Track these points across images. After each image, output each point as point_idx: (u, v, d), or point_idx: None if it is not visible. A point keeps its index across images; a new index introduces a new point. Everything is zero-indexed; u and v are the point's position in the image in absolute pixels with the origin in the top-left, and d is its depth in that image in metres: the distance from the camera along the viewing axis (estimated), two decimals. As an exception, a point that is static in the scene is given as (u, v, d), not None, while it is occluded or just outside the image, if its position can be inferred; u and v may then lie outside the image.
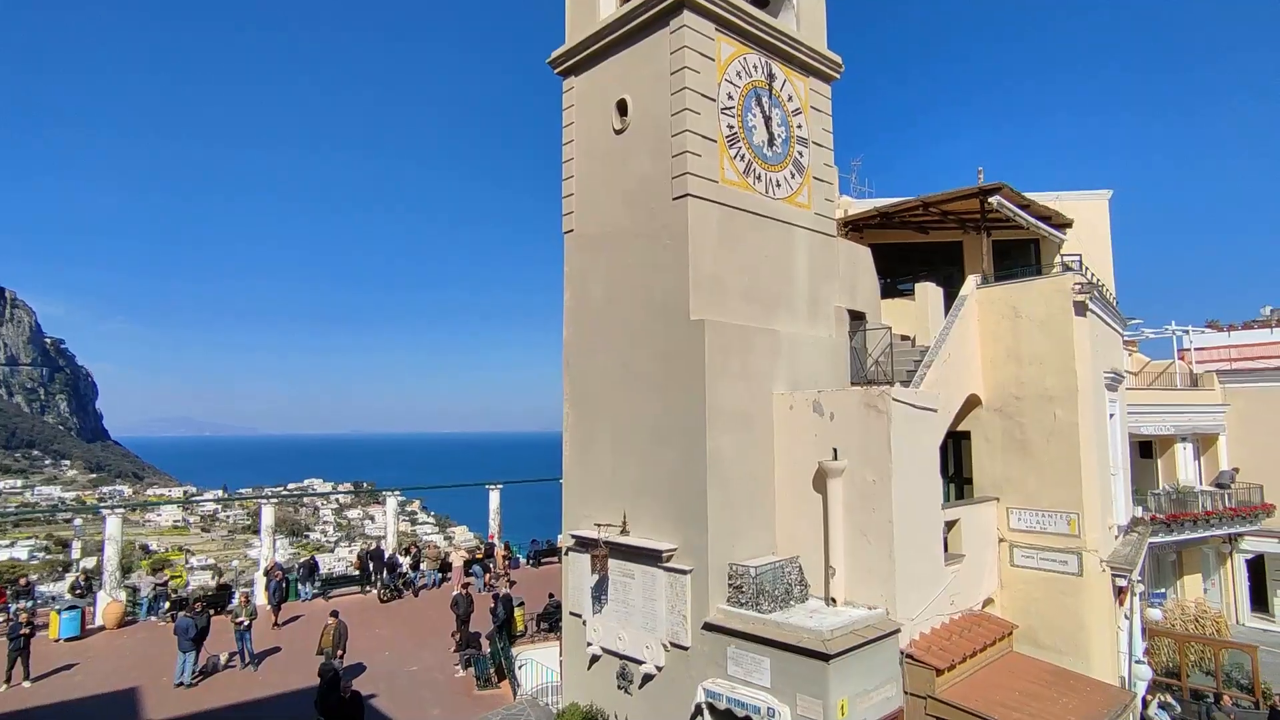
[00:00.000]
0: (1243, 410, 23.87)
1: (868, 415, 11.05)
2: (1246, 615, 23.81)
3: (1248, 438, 23.79)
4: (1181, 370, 25.69)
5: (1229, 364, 25.51)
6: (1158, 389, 24.17)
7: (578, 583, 13.46)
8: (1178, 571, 23.64)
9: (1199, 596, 22.92)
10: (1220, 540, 23.27)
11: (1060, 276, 13.04)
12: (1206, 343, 27.36)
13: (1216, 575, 24.12)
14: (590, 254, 13.92)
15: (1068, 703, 10.81)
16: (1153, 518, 19.81)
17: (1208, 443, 24.34)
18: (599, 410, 13.42)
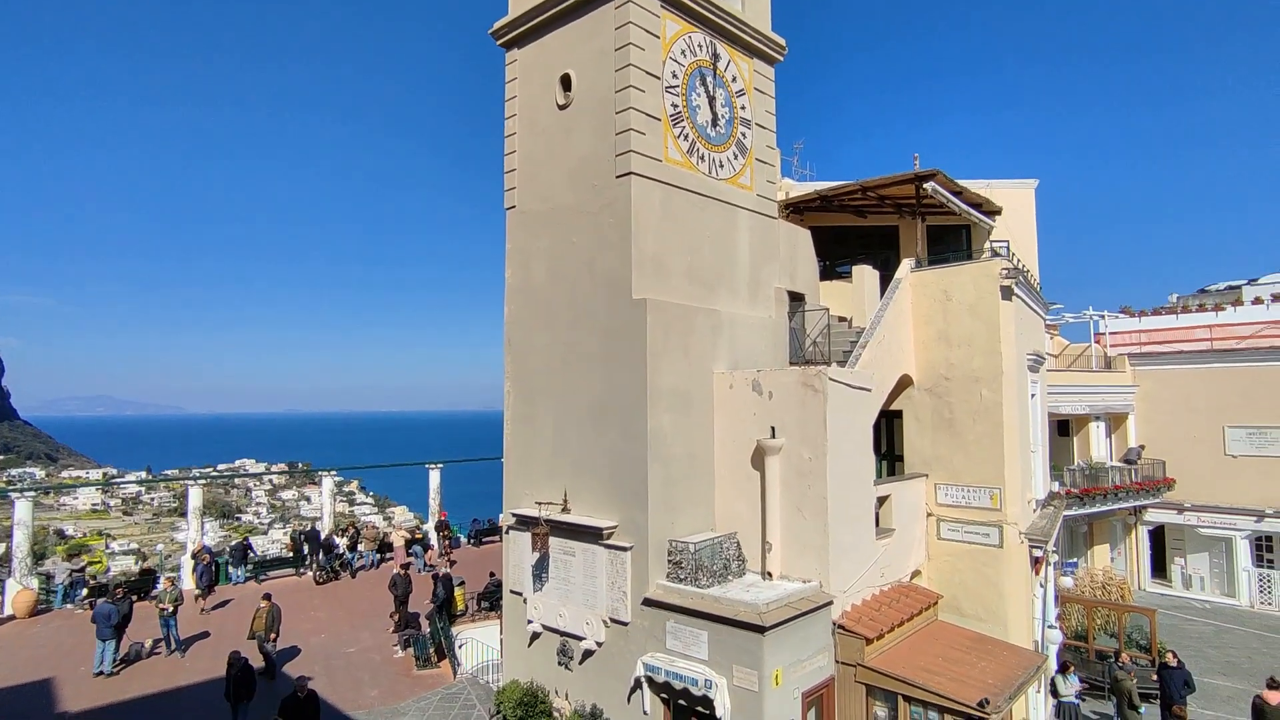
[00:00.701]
0: (1149, 391, 25.41)
1: (805, 394, 11.32)
2: (1147, 581, 25.56)
3: (1153, 416, 25.37)
4: (1097, 353, 27.13)
5: (1139, 347, 27.06)
6: (1075, 371, 25.49)
7: (518, 561, 13.46)
8: (1089, 542, 25.14)
9: (1107, 565, 24.44)
10: (1127, 512, 24.83)
11: (988, 262, 13.55)
12: (1120, 327, 28.94)
13: (1122, 545, 25.76)
14: (533, 231, 13.76)
15: (985, 666, 11.41)
16: (1068, 492, 20.97)
17: (1118, 421, 25.84)
18: (540, 388, 13.36)
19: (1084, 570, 22.66)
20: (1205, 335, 26.67)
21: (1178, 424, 24.78)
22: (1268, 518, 22.96)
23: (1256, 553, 23.67)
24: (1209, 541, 24.39)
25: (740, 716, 10.05)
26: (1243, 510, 23.39)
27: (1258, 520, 23.17)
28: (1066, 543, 23.31)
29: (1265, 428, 23.22)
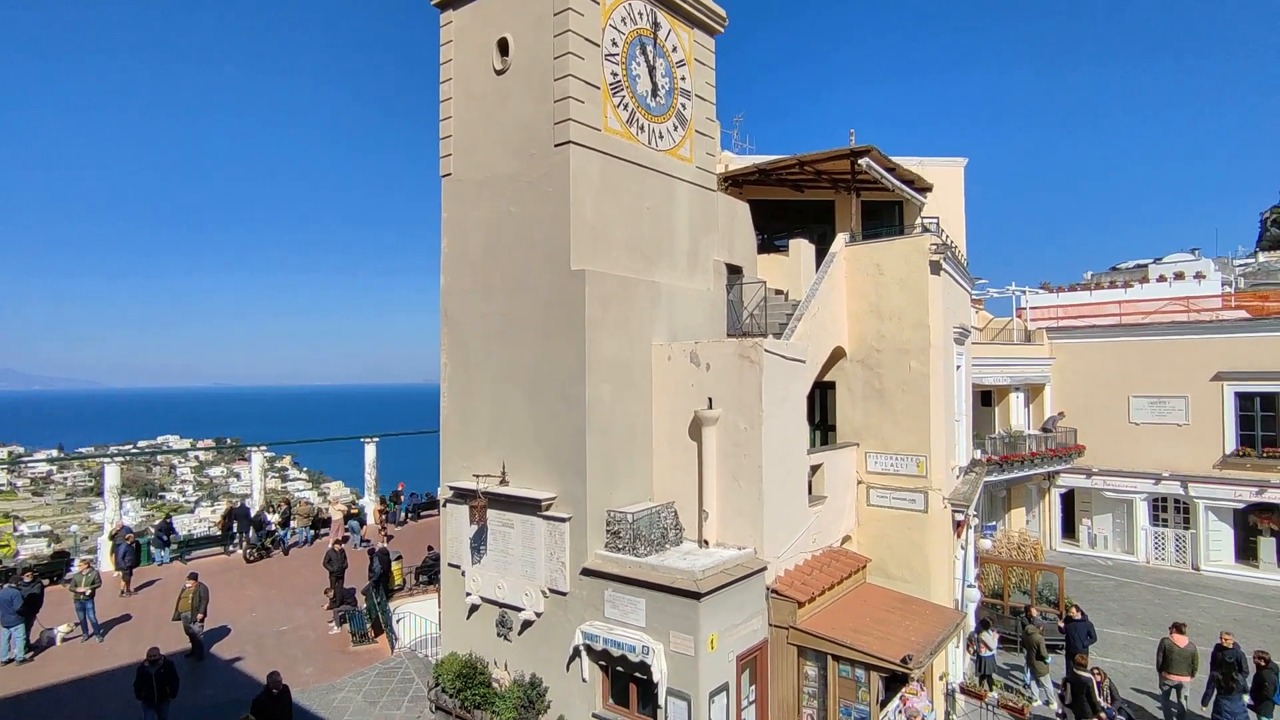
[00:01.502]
0: (1064, 363, 26.82)
1: (742, 366, 11.51)
2: (1058, 541, 27.22)
3: (1067, 387, 26.82)
4: (1018, 327, 28.43)
5: (1056, 322, 28.48)
6: (998, 344, 26.66)
7: (456, 534, 13.38)
8: (1007, 505, 26.56)
9: (1022, 527, 25.90)
10: (1042, 478, 26.31)
11: (919, 237, 13.95)
12: (1039, 302, 30.41)
13: (1037, 508, 27.32)
14: (469, 200, 13.46)
15: (910, 625, 12.00)
16: (988, 459, 22.05)
17: (1036, 392, 27.22)
18: (478, 360, 13.19)
19: (1002, 532, 23.97)
20: (1115, 311, 28.26)
21: (1089, 394, 26.27)
22: (1164, 480, 24.69)
23: (1153, 513, 25.46)
24: (1113, 503, 26.10)
25: (676, 681, 10.31)
26: (1143, 474, 25.06)
27: (1155, 483, 24.89)
28: (986, 507, 24.56)
29: (1164, 397, 24.86)
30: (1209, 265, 32.89)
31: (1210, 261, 34.39)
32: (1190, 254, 37.14)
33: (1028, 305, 30.33)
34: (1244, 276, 38.38)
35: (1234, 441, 23.62)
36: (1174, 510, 25.13)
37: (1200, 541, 24.30)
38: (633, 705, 11.10)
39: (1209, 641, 14.55)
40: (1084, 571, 24.13)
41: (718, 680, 10.44)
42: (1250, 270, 41.77)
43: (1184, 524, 24.86)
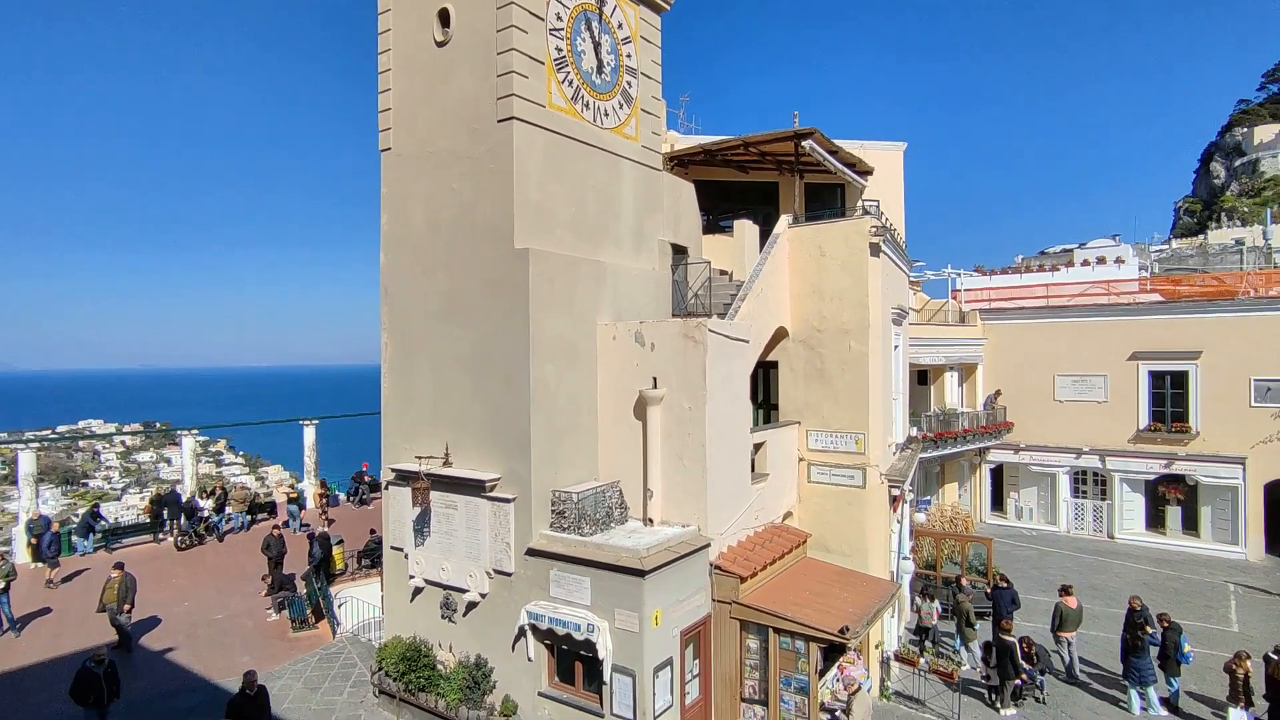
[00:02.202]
0: (996, 343, 27.91)
1: (686, 345, 11.59)
2: (988, 514, 28.49)
3: (998, 366, 27.94)
4: (953, 308, 29.40)
5: (989, 303, 29.58)
6: (934, 325, 27.51)
7: (399, 516, 13.18)
8: (940, 480, 27.60)
9: (955, 501, 26.99)
10: (973, 453, 27.42)
11: (859, 219, 14.22)
12: (973, 285, 31.50)
13: (969, 482, 28.49)
14: (410, 175, 13.11)
15: (847, 597, 12.40)
16: (924, 436, 22.83)
17: (969, 371, 28.27)
18: (420, 339, 12.94)
19: (936, 506, 24.88)
20: (1043, 293, 29.49)
21: (1018, 373, 27.43)
22: (1084, 454, 26.04)
23: (1074, 485, 26.87)
24: (1038, 477, 27.42)
25: (621, 657, 10.45)
26: (1065, 449, 26.39)
27: (1076, 457, 26.24)
28: (921, 482, 25.47)
29: (1086, 376, 26.15)
30: (1128, 251, 34.63)
31: (1129, 247, 36.21)
32: (1112, 240, 39.00)
33: (962, 287, 31.39)
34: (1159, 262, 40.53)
35: (1147, 418, 25.05)
36: (1093, 483, 26.56)
37: (1115, 511, 25.78)
38: (578, 683, 11.21)
39: (1122, 605, 15.49)
40: (1011, 542, 25.33)
41: (662, 655, 10.62)
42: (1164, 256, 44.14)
43: (1101, 495, 26.32)
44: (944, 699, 13.82)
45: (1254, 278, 27.49)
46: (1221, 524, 24.20)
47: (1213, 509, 24.37)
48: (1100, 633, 17.19)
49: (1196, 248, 54.54)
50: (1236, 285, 27.51)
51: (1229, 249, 46.65)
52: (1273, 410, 23.05)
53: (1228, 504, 23.96)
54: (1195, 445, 24.18)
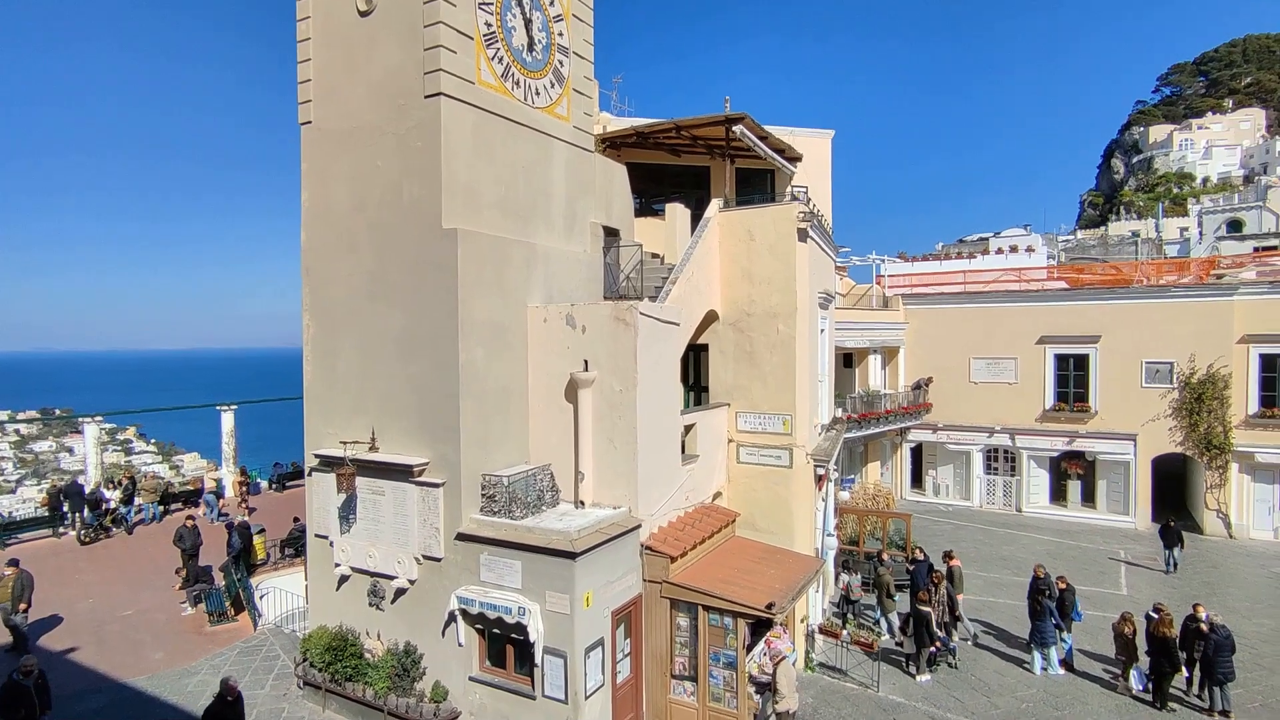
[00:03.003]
0: (917, 327, 29.06)
1: (617, 328, 11.62)
2: (908, 491, 29.79)
3: (919, 350, 29.13)
4: (877, 293, 30.43)
5: (911, 289, 30.73)
6: (859, 309, 28.44)
7: (323, 503, 12.81)
8: (864, 459, 28.68)
9: (877, 479, 28.11)
10: (895, 433, 28.57)
11: (788, 205, 14.51)
12: (896, 271, 32.67)
13: (890, 461, 29.70)
14: (332, 150, 12.61)
15: (774, 573, 12.78)
16: (848, 417, 23.64)
17: (891, 354, 29.36)
18: (344, 321, 12.54)
19: (859, 484, 25.88)
20: (960, 280, 30.82)
21: (937, 356, 28.66)
22: (996, 433, 27.51)
23: (987, 462, 28.36)
24: (954, 455, 28.80)
25: (552, 639, 10.49)
26: (979, 428, 27.80)
27: (989, 436, 27.69)
28: (846, 461, 26.39)
29: (998, 358, 27.55)
30: (1038, 240, 36.52)
31: (1039, 236, 38.21)
32: (1024, 229, 41.05)
33: (886, 273, 32.49)
34: (1065, 251, 42.95)
35: (1052, 398, 26.61)
36: (1003, 460, 28.08)
37: (1023, 487, 27.38)
38: (509, 666, 11.21)
39: (1028, 573, 16.49)
40: (929, 517, 26.57)
41: (593, 636, 10.72)
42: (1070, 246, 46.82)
43: (1010, 472, 27.87)
44: (865, 668, 14.45)
45: (1147, 267, 29.48)
46: (1115, 496, 26.03)
47: (1108, 482, 26.18)
48: (1007, 600, 18.28)
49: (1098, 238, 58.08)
50: (1132, 274, 29.44)
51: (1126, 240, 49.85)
52: (1160, 390, 24.84)
53: (1121, 478, 25.79)
54: (1094, 423, 25.86)
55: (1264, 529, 23.98)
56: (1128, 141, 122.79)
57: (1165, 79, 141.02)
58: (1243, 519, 24.16)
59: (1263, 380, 23.72)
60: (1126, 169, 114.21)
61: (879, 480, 27.93)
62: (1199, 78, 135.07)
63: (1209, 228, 50.14)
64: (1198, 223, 53.95)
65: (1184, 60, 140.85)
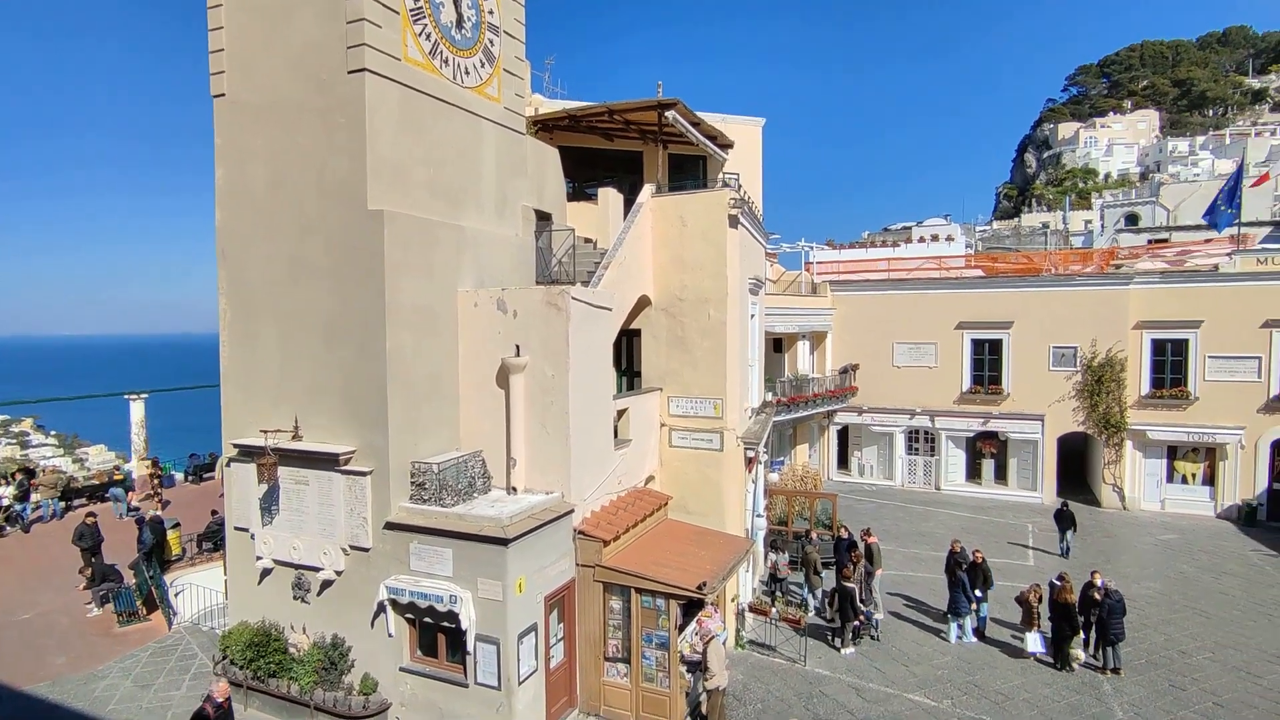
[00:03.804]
0: (844, 313, 29.95)
1: (549, 313, 11.54)
2: (834, 472, 30.81)
3: (846, 335, 30.05)
4: (806, 280, 31.18)
5: (838, 275, 31.64)
6: (788, 295, 29.07)
7: (243, 495, 12.32)
8: (793, 442, 29.45)
9: (805, 461, 28.93)
10: (822, 416, 29.45)
11: (719, 191, 14.67)
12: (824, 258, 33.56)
13: (818, 443, 30.61)
14: (249, 126, 12.01)
15: (705, 555, 13.02)
16: (778, 400, 24.19)
17: (819, 339, 30.18)
18: (264, 306, 12.02)
19: (788, 466, 26.57)
20: (885, 267, 31.91)
21: (862, 341, 29.62)
22: (917, 415, 28.71)
23: (908, 443, 29.58)
24: (878, 436, 29.92)
25: (485, 626, 10.44)
26: (901, 410, 28.94)
27: (910, 417, 28.87)
28: (775, 444, 27.04)
29: (920, 343, 28.70)
30: (957, 230, 38.11)
31: (958, 226, 39.88)
32: (944, 219, 42.73)
33: (815, 260, 33.33)
34: (982, 240, 45.02)
35: (969, 381, 27.93)
36: (923, 440, 29.34)
37: (941, 466, 28.69)
38: (441, 655, 11.09)
39: (945, 549, 17.32)
40: (854, 496, 27.55)
41: (526, 622, 10.71)
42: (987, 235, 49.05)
43: (930, 452, 29.15)
44: (793, 644, 14.93)
45: (1054, 257, 31.18)
46: (1024, 473, 27.60)
47: (1018, 460, 27.72)
48: (926, 574, 19.18)
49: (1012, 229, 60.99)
50: (1042, 264, 31.10)
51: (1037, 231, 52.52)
52: (1066, 373, 26.40)
53: (1030, 456, 27.34)
54: (1006, 405, 27.29)
55: (1153, 501, 25.90)
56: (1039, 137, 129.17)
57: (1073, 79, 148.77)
58: (1135, 492, 26.02)
59: (1154, 363, 25.51)
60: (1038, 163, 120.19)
61: (807, 462, 28.75)
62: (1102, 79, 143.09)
63: (1109, 221, 53.34)
64: (1100, 216, 57.30)
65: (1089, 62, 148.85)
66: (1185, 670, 14.13)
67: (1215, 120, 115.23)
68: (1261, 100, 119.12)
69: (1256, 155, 62.89)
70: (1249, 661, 14.49)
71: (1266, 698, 13.08)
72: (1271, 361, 24.02)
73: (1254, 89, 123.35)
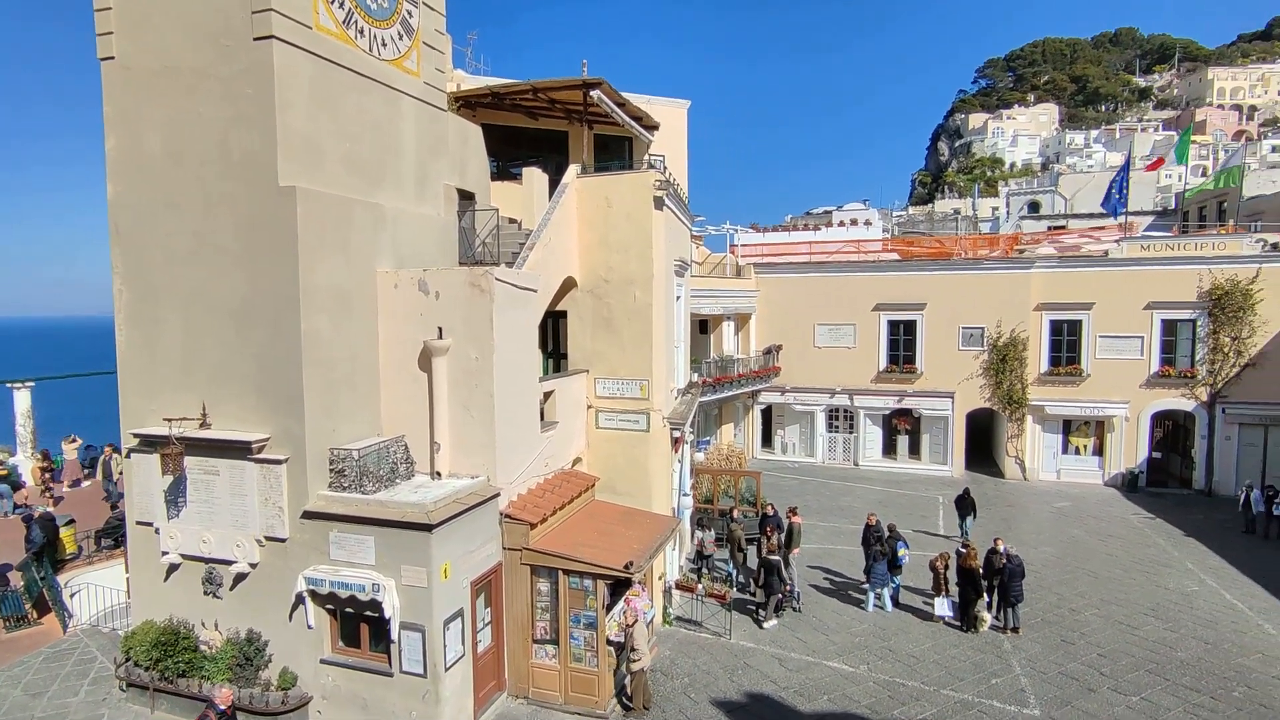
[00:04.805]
0: (768, 295, 30.62)
1: (472, 294, 11.33)
2: (758, 450, 31.63)
3: (769, 316, 30.74)
4: (731, 262, 31.66)
5: (762, 258, 32.27)
6: (714, 277, 29.47)
7: (145, 488, 11.65)
8: (719, 421, 30.03)
9: (730, 440, 29.55)
10: (747, 396, 30.11)
11: (645, 173, 14.67)
12: (749, 241, 34.15)
13: (743, 422, 31.31)
14: (144, 92, 11.19)
15: (632, 534, 13.17)
16: (704, 381, 24.59)
17: (743, 320, 30.77)
18: (165, 287, 11.32)
19: (714, 445, 27.06)
20: (806, 250, 32.74)
21: (785, 322, 30.38)
22: (837, 394, 29.72)
23: (829, 421, 30.63)
24: (800, 415, 30.84)
25: (409, 614, 10.27)
26: (822, 389, 29.90)
27: (830, 396, 29.87)
28: (701, 423, 27.50)
29: (839, 325, 29.67)
30: (875, 214, 39.40)
31: (876, 211, 41.24)
32: (863, 204, 44.10)
33: (739, 243, 33.86)
34: (898, 225, 46.77)
35: (885, 360, 29.09)
36: (843, 418, 30.43)
37: (860, 442, 29.87)
38: (364, 645, 10.86)
39: (863, 522, 18.06)
40: (777, 474, 28.36)
41: (452, 607, 10.59)
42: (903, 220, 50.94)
43: (849, 429, 30.27)
44: (719, 618, 15.31)
45: (965, 242, 32.71)
46: (936, 448, 29.05)
47: (930, 436, 29.14)
48: (845, 547, 19.97)
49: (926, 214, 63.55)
50: (953, 248, 32.57)
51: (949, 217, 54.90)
52: (974, 352, 27.85)
53: (941, 431, 28.78)
54: (920, 383, 28.59)
55: (1049, 471, 27.76)
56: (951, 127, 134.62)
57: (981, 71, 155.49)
58: (1034, 463, 27.81)
59: (1052, 343, 27.23)
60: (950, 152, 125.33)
61: (732, 441, 29.37)
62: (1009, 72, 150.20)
63: (1014, 208, 56.31)
64: (1006, 203, 60.46)
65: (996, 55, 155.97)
66: (1075, 626, 15.28)
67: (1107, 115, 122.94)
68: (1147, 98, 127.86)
69: (1141, 149, 67.50)
70: (1129, 615, 15.80)
71: (1142, 647, 14.32)
72: (1152, 340, 26.03)
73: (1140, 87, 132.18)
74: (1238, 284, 24.90)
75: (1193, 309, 25.54)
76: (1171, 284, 25.70)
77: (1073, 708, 12.17)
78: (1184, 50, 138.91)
